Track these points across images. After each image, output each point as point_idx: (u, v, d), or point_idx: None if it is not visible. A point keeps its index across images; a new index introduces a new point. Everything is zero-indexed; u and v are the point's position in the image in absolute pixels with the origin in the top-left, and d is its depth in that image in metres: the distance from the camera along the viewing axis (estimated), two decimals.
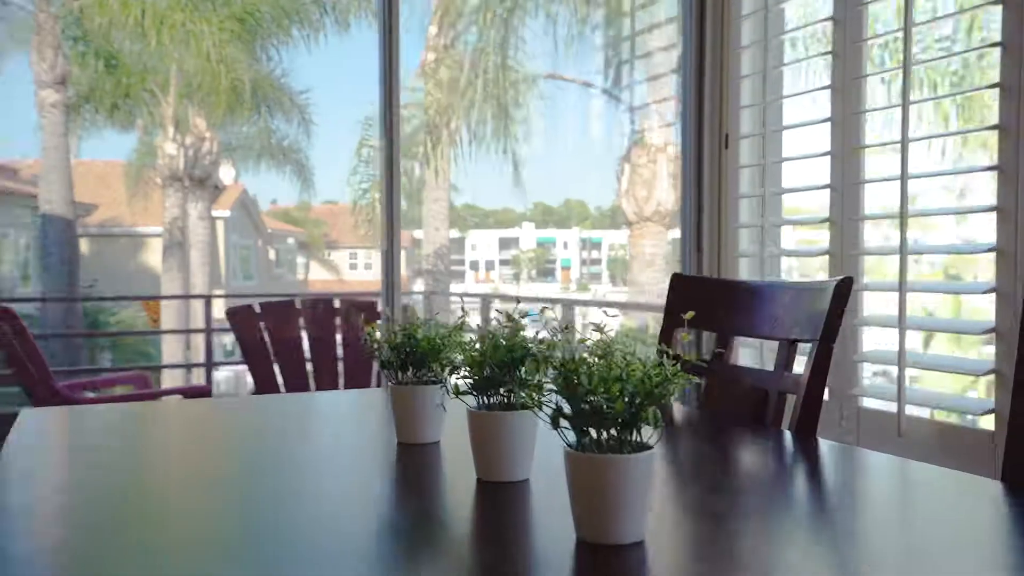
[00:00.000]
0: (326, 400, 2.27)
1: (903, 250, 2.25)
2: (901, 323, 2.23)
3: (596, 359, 0.89)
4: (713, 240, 3.03)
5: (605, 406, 0.84)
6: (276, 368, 3.38)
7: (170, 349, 14.37)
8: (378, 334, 1.39)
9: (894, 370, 2.25)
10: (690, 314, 1.11)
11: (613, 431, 0.88)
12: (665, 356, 0.90)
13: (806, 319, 1.48)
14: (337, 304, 3.46)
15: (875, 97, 2.59)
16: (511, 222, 48.48)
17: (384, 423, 1.67)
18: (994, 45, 2.10)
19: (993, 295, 2.08)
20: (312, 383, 3.43)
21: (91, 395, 4.31)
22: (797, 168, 2.78)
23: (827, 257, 2.56)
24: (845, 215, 2.50)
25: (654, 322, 9.92)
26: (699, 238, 3.05)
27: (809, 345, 1.49)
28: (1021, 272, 2.03)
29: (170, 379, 11.24)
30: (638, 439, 0.89)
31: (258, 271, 28.81)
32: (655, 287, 9.43)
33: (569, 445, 0.90)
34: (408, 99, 11.40)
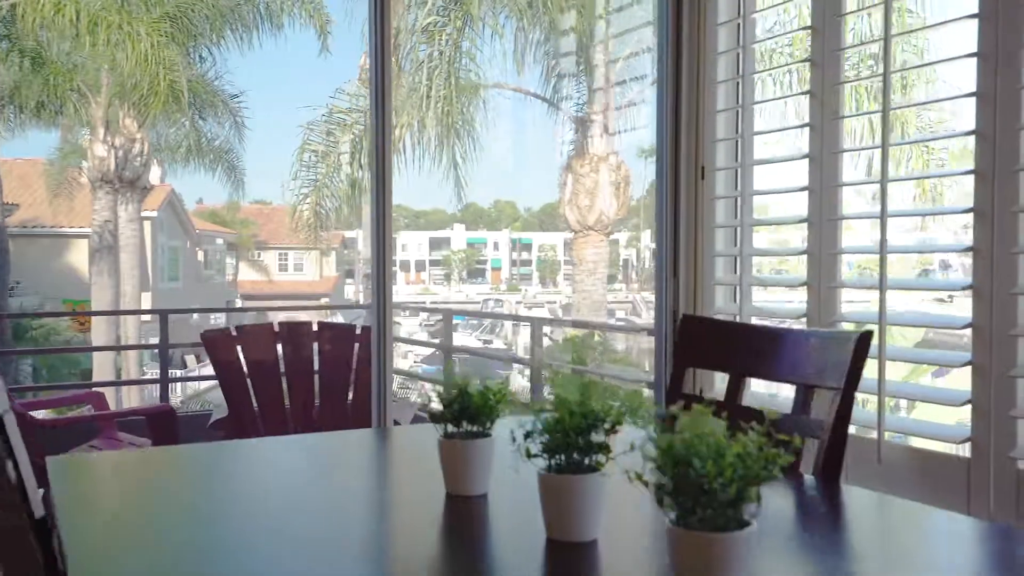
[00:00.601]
0: (344, 443, 2.26)
1: (882, 285, 2.37)
2: (880, 355, 2.35)
3: (699, 436, 0.96)
4: (689, 268, 3.13)
5: (719, 488, 0.91)
6: (252, 392, 3.36)
7: (100, 357, 13.99)
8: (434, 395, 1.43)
9: (873, 399, 2.37)
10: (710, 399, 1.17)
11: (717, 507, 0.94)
12: (766, 434, 0.97)
13: (829, 366, 1.58)
14: (315, 328, 3.46)
15: (853, 126, 2.72)
16: (441, 223, 48.41)
17: (419, 470, 1.71)
18: (970, 55, 2.22)
19: (969, 330, 2.22)
20: (288, 407, 3.43)
21: (43, 416, 4.21)
22: (774, 199, 2.90)
23: (805, 288, 2.68)
24: (823, 248, 2.63)
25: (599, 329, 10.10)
26: (676, 266, 3.15)
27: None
28: (997, 307, 2.17)
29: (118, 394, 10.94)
30: (739, 515, 0.96)
31: (186, 273, 28.17)
32: (598, 296, 9.58)
33: (672, 521, 0.97)
34: (348, 104, 11.32)
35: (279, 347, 3.38)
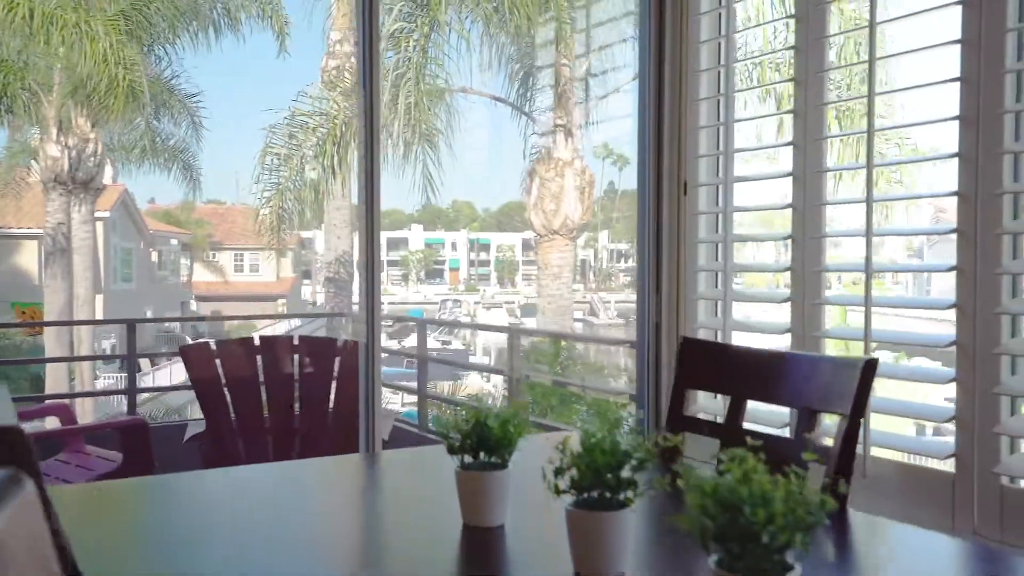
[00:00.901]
0: (343, 471, 2.23)
1: (867, 303, 2.42)
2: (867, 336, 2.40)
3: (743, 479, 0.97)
4: (672, 282, 3.16)
5: (769, 535, 0.92)
6: (230, 407, 3.33)
7: (53, 363, 13.69)
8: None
9: None
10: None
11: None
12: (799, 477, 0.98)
13: (833, 392, 1.61)
14: (296, 341, 3.43)
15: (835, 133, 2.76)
16: (399, 223, 48.24)
17: (429, 499, 1.70)
18: (955, 42, 2.27)
19: (954, 348, 2.28)
20: (267, 423, 3.39)
21: None
22: (757, 216, 2.95)
23: (788, 304, 2.73)
24: (807, 266, 2.67)
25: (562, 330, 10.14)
26: (658, 281, 3.18)
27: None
28: (980, 326, 2.23)
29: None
30: (784, 560, 0.97)
31: (139, 274, 27.70)
32: (563, 300, 9.63)
33: (716, 564, 0.98)
34: (311, 107, 11.23)
35: (259, 361, 3.35)
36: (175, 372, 19.87)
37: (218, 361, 3.29)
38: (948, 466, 2.31)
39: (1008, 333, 2.20)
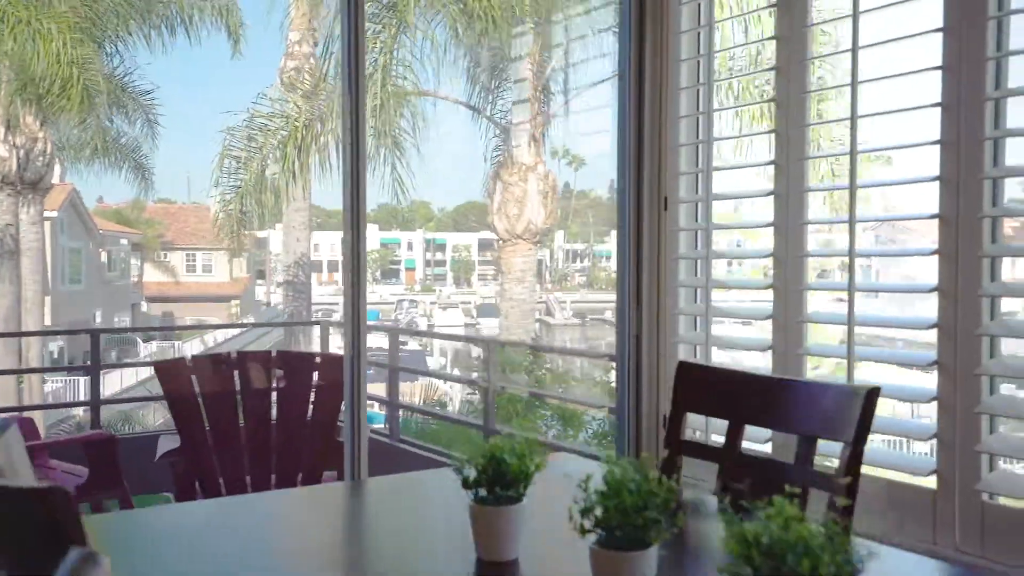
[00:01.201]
0: (341, 500, 2.21)
1: (851, 321, 2.47)
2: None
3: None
4: (652, 298, 3.19)
5: None
6: (206, 423, 3.28)
7: None
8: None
9: None
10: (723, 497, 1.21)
11: None
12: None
13: (835, 419, 1.64)
14: (274, 355, 3.39)
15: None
16: None
17: (436, 531, 1.70)
18: (935, 105, 2.33)
19: (936, 368, 2.33)
20: (243, 437, 3.35)
21: None
22: (738, 215, 2.98)
23: (770, 320, 2.77)
24: (788, 284, 2.71)
25: (527, 337, 10.17)
26: (639, 296, 3.20)
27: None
28: (961, 345, 2.28)
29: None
30: None
31: (89, 275, 27.11)
32: (527, 305, 9.64)
33: None
34: (270, 110, 11.09)
35: (236, 376, 3.30)
36: (126, 376, 19.50)
37: (194, 377, 3.24)
38: (930, 482, 2.36)
39: (987, 353, 2.26)
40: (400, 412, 5.65)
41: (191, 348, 26.27)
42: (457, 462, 1.45)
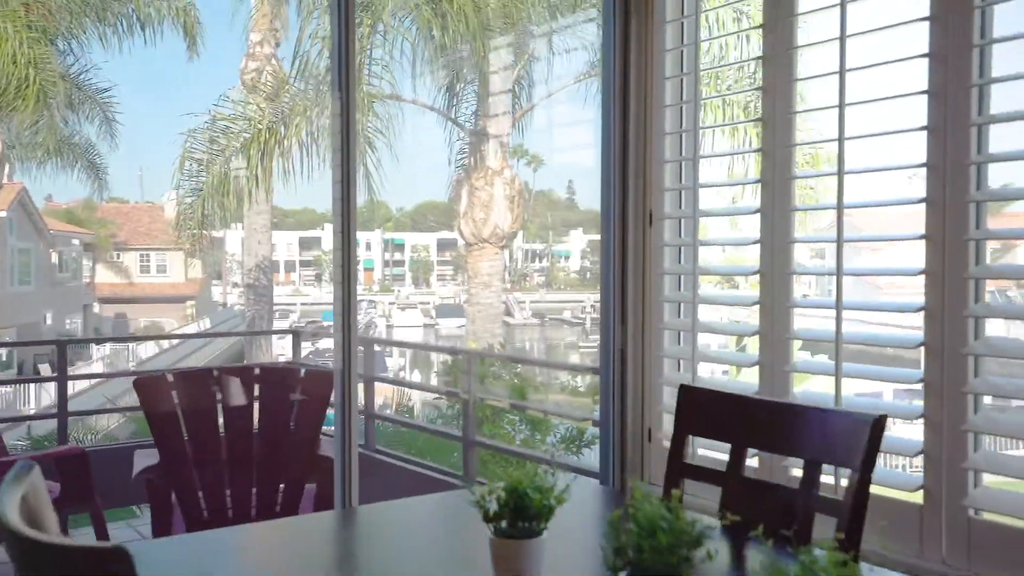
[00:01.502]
0: (341, 531, 2.19)
1: (838, 339, 2.52)
2: (837, 404, 2.49)
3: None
4: (637, 312, 3.21)
5: None
6: (186, 440, 3.23)
7: None
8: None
9: None
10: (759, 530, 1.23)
11: None
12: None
13: (841, 446, 1.67)
14: (257, 372, 3.35)
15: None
16: (311, 223, 47.52)
17: (450, 563, 1.70)
18: (920, 128, 2.38)
19: (920, 384, 2.38)
20: (224, 453, 3.31)
21: None
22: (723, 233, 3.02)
23: (757, 338, 2.81)
24: (776, 301, 2.75)
25: (496, 344, 10.17)
26: (623, 311, 3.23)
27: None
28: (948, 364, 2.34)
29: None
30: None
31: (39, 276, 26.51)
32: (494, 310, 9.65)
33: None
34: (232, 112, 10.94)
35: (217, 392, 3.26)
36: (79, 381, 19.09)
37: (174, 393, 3.19)
38: (917, 497, 2.41)
39: (973, 372, 2.32)
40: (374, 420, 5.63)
41: (145, 351, 25.85)
42: (478, 497, 1.45)
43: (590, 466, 4.48)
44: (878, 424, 1.64)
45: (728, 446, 2.07)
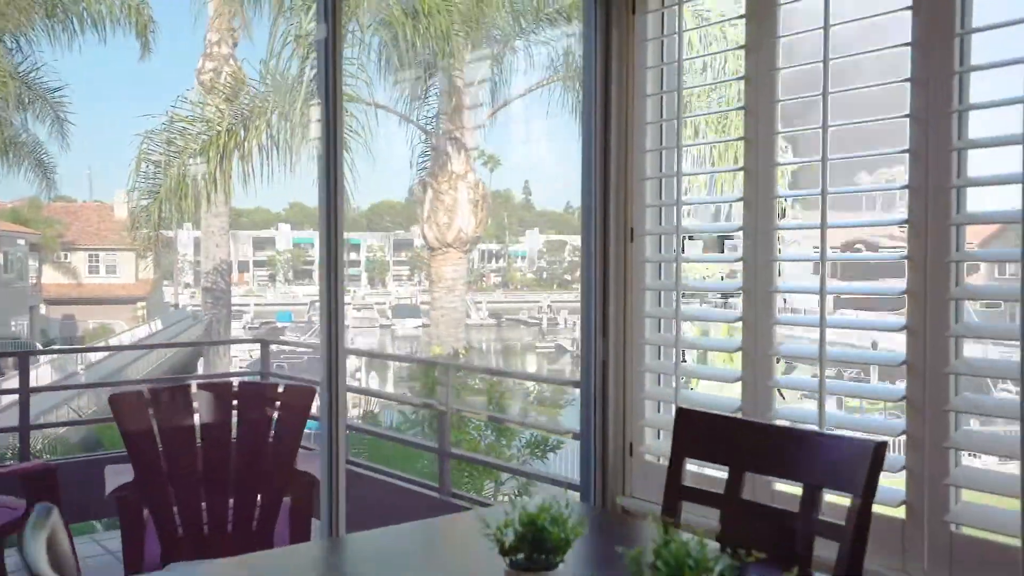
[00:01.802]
0: (335, 566, 2.16)
1: (822, 357, 2.56)
2: (821, 420, 2.54)
3: None
4: (619, 327, 3.23)
5: None
6: (163, 457, 3.18)
7: None
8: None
9: None
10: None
11: None
12: None
13: (841, 472, 1.70)
14: (235, 387, 3.31)
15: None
16: (265, 223, 46.98)
17: None
18: (903, 152, 2.43)
19: (904, 402, 2.44)
20: (201, 470, 3.26)
21: None
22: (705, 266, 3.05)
23: (740, 353, 2.84)
24: (758, 318, 2.79)
25: (462, 349, 10.15)
26: (605, 325, 3.25)
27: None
28: (930, 382, 2.40)
29: None
30: None
31: None
32: (457, 315, 9.63)
33: None
34: (190, 113, 10.77)
35: (194, 408, 3.21)
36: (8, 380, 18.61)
37: (151, 410, 3.14)
38: (899, 512, 2.47)
39: (954, 390, 2.38)
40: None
41: (95, 354, 25.31)
42: (495, 530, 1.45)
43: (564, 475, 4.50)
44: (879, 450, 1.67)
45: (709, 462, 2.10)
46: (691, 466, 2.71)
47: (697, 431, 1.98)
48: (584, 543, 1.71)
